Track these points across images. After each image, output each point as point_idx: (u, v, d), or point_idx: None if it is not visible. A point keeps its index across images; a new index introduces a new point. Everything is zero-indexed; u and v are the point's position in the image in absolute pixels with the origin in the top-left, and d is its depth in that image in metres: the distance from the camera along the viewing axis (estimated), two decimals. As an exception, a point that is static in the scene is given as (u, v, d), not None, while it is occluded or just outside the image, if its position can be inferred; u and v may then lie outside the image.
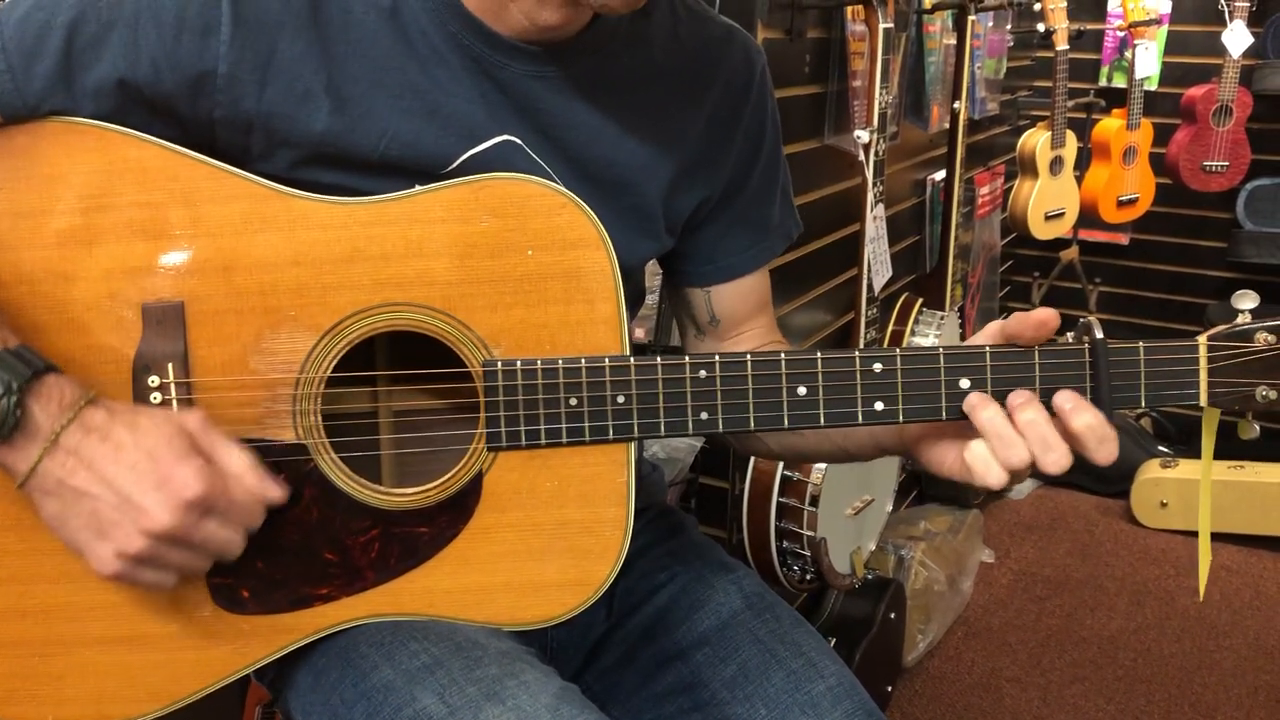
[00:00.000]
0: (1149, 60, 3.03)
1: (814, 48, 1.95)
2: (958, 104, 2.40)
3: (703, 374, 0.87)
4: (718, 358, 0.87)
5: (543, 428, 0.87)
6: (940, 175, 2.60)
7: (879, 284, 2.13)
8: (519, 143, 0.93)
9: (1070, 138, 2.95)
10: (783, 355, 0.87)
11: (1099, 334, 0.84)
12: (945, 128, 2.49)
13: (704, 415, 0.87)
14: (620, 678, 1.04)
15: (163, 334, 0.85)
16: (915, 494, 2.89)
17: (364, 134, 0.88)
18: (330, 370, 0.86)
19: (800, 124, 1.94)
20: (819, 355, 0.86)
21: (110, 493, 0.77)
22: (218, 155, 0.86)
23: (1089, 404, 0.83)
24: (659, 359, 0.87)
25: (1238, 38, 2.89)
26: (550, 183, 0.87)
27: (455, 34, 0.89)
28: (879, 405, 0.87)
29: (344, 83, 0.87)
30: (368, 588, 0.89)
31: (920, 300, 2.51)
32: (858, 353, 0.86)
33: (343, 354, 0.86)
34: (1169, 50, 3.18)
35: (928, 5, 2.33)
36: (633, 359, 0.87)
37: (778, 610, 1.03)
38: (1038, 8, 2.76)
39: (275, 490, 0.83)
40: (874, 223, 2.05)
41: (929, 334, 2.45)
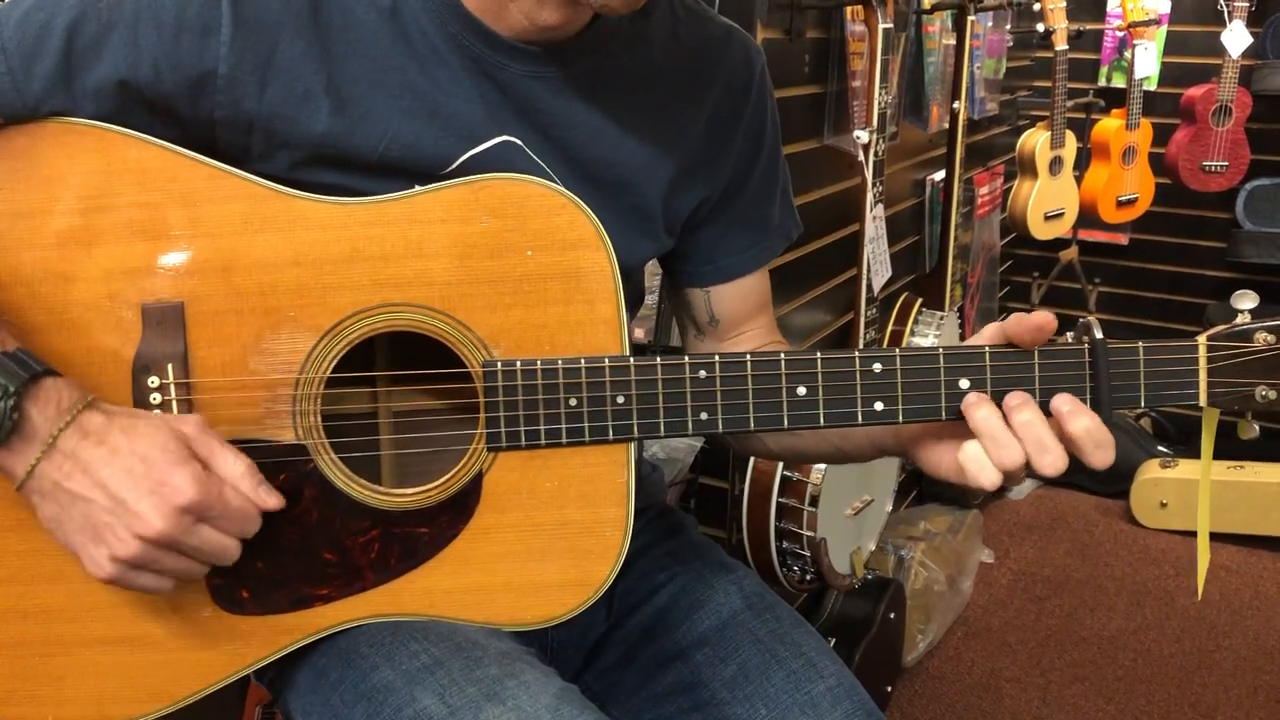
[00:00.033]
0: (1148, 60, 3.03)
1: (813, 48, 1.95)
2: (957, 104, 2.40)
3: (702, 374, 0.87)
4: (717, 358, 0.87)
5: (542, 428, 0.87)
6: (940, 175, 2.60)
7: (878, 284, 2.13)
8: (519, 143, 0.93)
9: (1070, 138, 2.95)
10: (782, 355, 0.87)
11: (1098, 334, 0.84)
12: (945, 128, 2.49)
13: (704, 415, 0.87)
14: (620, 678, 1.04)
15: (162, 335, 0.85)
16: (915, 494, 2.89)
17: (364, 134, 0.88)
18: (330, 371, 0.86)
19: (800, 124, 1.94)
20: (819, 355, 0.86)
21: (104, 496, 0.77)
22: (218, 156, 0.86)
23: (1087, 408, 0.83)
24: (659, 359, 0.87)
25: (1237, 38, 2.89)
26: (550, 183, 0.87)
27: (455, 34, 0.89)
28: (879, 405, 0.87)
29: (344, 83, 0.87)
30: (368, 588, 0.89)
31: (920, 300, 2.51)
32: (857, 353, 0.86)
33: (342, 354, 0.86)
34: (1168, 50, 3.18)
35: (927, 5, 2.32)
36: (632, 359, 0.87)
37: (778, 610, 1.03)
38: (1037, 8, 2.76)
39: (271, 498, 0.83)
40: (873, 223, 2.05)
41: (928, 334, 2.45)
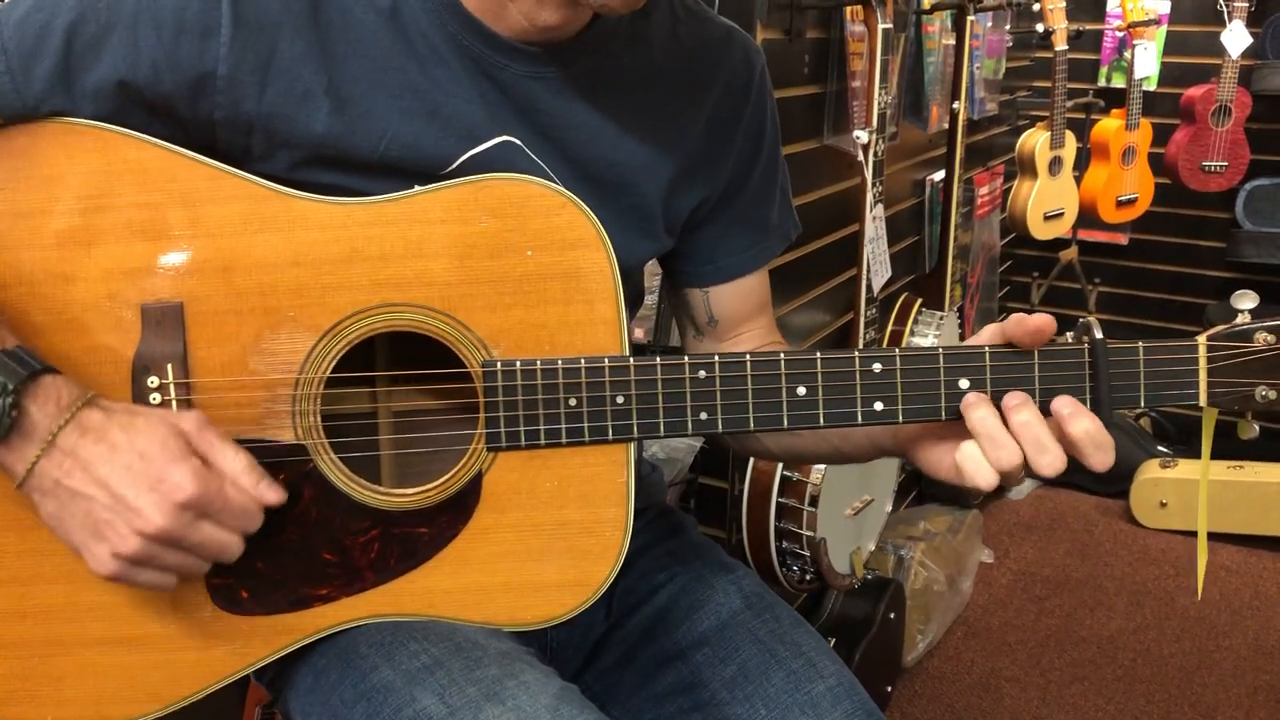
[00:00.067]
0: (1148, 60, 3.03)
1: (813, 48, 1.95)
2: (957, 104, 2.40)
3: (702, 374, 0.87)
4: (717, 358, 0.87)
5: (542, 428, 0.87)
6: (939, 175, 2.60)
7: (878, 284, 2.13)
8: (518, 143, 0.93)
9: (1069, 138, 2.95)
10: (782, 355, 0.87)
11: (1098, 334, 0.84)
12: (944, 128, 2.49)
13: (703, 415, 0.87)
14: (620, 678, 1.04)
15: (162, 335, 0.85)
16: (915, 494, 2.89)
17: (364, 135, 0.88)
18: (329, 371, 0.86)
19: (799, 124, 1.94)
20: (818, 355, 0.86)
21: (104, 494, 0.77)
22: (217, 156, 0.86)
23: (1088, 410, 0.83)
24: (658, 359, 0.87)
25: (1236, 38, 2.89)
26: (550, 183, 0.87)
27: (455, 34, 0.89)
28: (878, 405, 0.87)
29: (344, 83, 0.87)
30: (367, 588, 0.89)
31: (919, 300, 2.51)
32: (857, 353, 0.86)
33: (342, 354, 0.86)
34: (1168, 50, 3.18)
35: (926, 5, 2.32)
36: (632, 359, 0.87)
37: (777, 610, 1.03)
38: (1036, 8, 2.77)
39: (272, 493, 0.82)
40: (873, 223, 2.05)
41: (928, 334, 2.45)
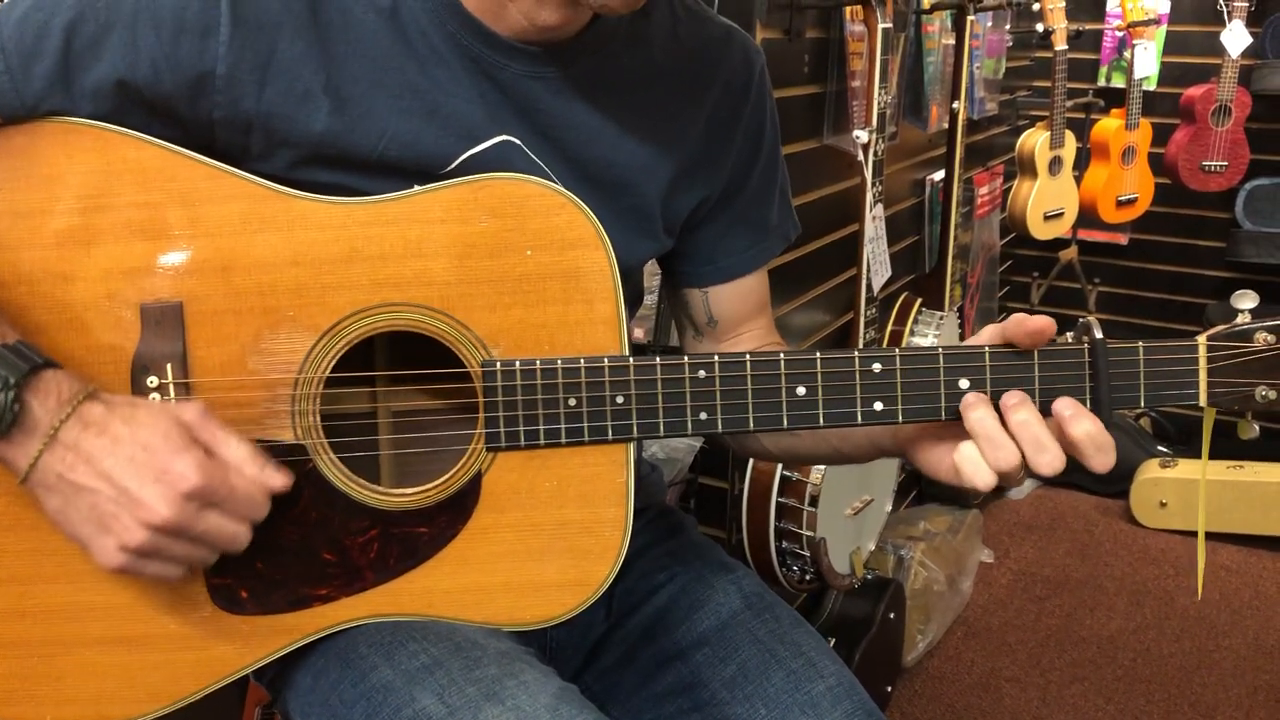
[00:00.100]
0: (1148, 60, 3.03)
1: (813, 48, 1.94)
2: (956, 104, 2.40)
3: (702, 374, 0.87)
4: (717, 358, 0.87)
5: (541, 428, 0.87)
6: (939, 175, 2.60)
7: (878, 284, 2.13)
8: (518, 143, 0.93)
9: (1069, 138, 2.95)
10: (782, 355, 0.86)
11: (1098, 334, 0.84)
12: (944, 128, 2.49)
13: (703, 415, 0.87)
14: (620, 678, 1.04)
15: (161, 334, 0.85)
16: (915, 494, 2.89)
17: (363, 134, 0.88)
18: (329, 370, 0.86)
19: (799, 124, 1.94)
20: (818, 355, 0.86)
21: (109, 486, 0.77)
22: (217, 155, 0.86)
23: (1089, 411, 0.83)
24: (658, 359, 0.86)
25: (1236, 38, 2.89)
26: (549, 183, 0.87)
27: (454, 34, 0.89)
28: (878, 405, 0.86)
29: (343, 83, 0.87)
30: (367, 588, 0.89)
31: (919, 300, 2.51)
32: (857, 353, 0.86)
33: (341, 354, 0.86)
34: (1168, 50, 3.18)
35: (926, 5, 2.32)
36: (631, 359, 0.87)
37: (777, 610, 1.03)
38: (1036, 8, 2.77)
39: (277, 478, 0.82)
40: (873, 223, 2.05)
41: (928, 334, 2.45)
